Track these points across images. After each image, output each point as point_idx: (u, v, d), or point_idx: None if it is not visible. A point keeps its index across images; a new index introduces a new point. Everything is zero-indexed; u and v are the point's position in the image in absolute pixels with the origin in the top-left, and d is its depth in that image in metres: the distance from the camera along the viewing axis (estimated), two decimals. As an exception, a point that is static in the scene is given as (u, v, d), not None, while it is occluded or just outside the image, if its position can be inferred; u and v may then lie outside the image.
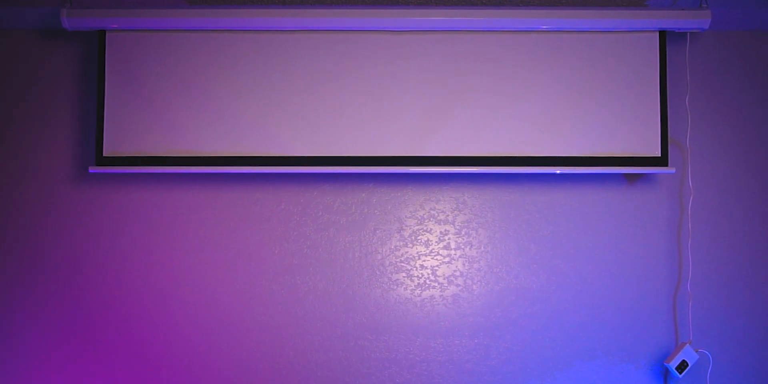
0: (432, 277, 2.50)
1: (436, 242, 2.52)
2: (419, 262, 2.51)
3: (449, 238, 2.52)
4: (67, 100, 2.54)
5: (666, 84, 2.40)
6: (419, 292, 2.50)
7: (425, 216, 2.52)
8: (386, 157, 2.40)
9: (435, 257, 2.51)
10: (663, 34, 2.43)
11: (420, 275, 2.51)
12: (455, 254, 2.51)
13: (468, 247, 2.51)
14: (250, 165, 2.40)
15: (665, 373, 2.47)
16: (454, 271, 2.50)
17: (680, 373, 2.39)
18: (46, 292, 2.49)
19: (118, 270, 2.49)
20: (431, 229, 2.52)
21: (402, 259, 2.51)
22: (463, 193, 2.53)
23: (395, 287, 2.49)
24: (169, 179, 2.51)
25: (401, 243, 2.51)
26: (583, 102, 2.41)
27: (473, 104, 2.41)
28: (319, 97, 2.42)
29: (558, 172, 2.38)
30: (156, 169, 2.40)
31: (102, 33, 2.45)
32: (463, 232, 2.52)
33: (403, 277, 2.50)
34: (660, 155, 2.39)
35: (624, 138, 2.39)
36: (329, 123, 2.41)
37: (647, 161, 2.40)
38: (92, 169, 2.40)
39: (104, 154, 2.41)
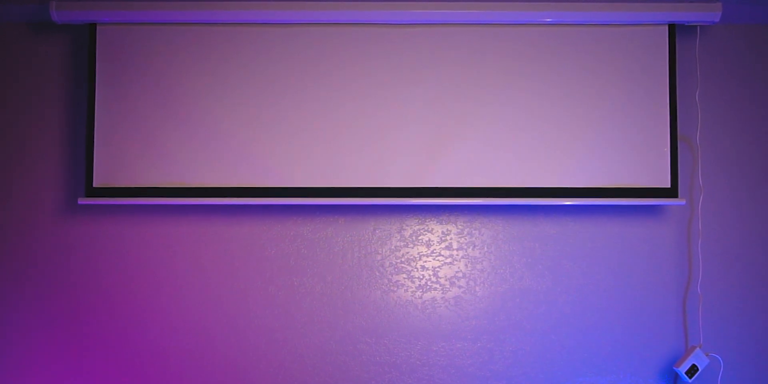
0: (433, 279, 2.47)
1: (437, 242, 2.48)
2: (420, 263, 2.48)
3: (451, 238, 2.48)
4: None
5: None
6: (420, 293, 2.47)
7: (426, 215, 2.47)
8: (387, 188, 2.37)
9: (436, 258, 2.48)
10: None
11: (421, 276, 2.48)
12: (457, 255, 2.48)
13: (471, 247, 2.48)
14: (245, 196, 2.36)
15: (675, 378, 2.45)
16: (457, 272, 2.47)
17: (690, 377, 2.37)
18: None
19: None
20: (432, 229, 2.49)
21: (402, 259, 2.48)
22: (465, 191, 2.49)
23: (395, 289, 2.47)
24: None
25: (402, 243, 2.48)
26: (591, 121, 2.39)
27: (476, 126, 2.39)
28: (316, 122, 2.39)
29: (567, 203, 2.36)
30: (147, 201, 2.37)
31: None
32: (465, 232, 2.48)
33: (404, 278, 2.47)
34: (669, 186, 2.38)
35: (633, 169, 2.37)
36: (327, 151, 2.38)
37: (657, 192, 2.38)
38: (82, 201, 2.37)
39: (94, 185, 2.38)
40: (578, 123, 2.38)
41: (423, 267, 2.48)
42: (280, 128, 2.38)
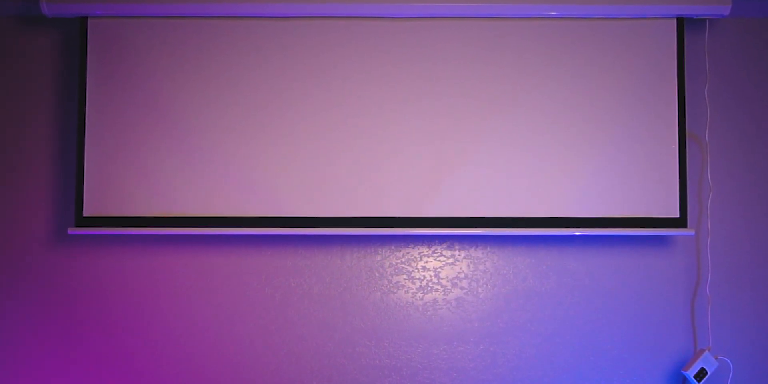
0: (435, 280, 2.44)
1: (439, 242, 2.45)
2: (421, 263, 2.45)
3: (453, 238, 2.44)
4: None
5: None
6: (421, 295, 2.44)
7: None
8: (388, 218, 2.32)
9: (438, 258, 2.45)
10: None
11: (422, 277, 2.45)
12: (459, 255, 2.45)
13: (473, 247, 2.44)
14: (241, 226, 2.31)
15: (683, 382, 2.42)
16: (459, 272, 2.44)
17: (699, 381, 2.34)
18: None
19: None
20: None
21: (403, 260, 2.45)
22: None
23: (396, 290, 2.44)
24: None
25: (402, 243, 2.44)
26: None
27: (478, 148, 2.35)
28: (314, 148, 2.34)
29: (577, 234, 2.33)
30: (140, 231, 2.32)
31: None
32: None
33: (404, 279, 2.44)
34: (678, 216, 2.33)
35: (640, 190, 2.33)
36: (326, 177, 2.33)
37: (665, 222, 2.34)
38: (71, 231, 2.31)
39: (84, 215, 2.32)
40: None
41: (424, 267, 2.44)
42: (276, 154, 2.33)
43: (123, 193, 2.31)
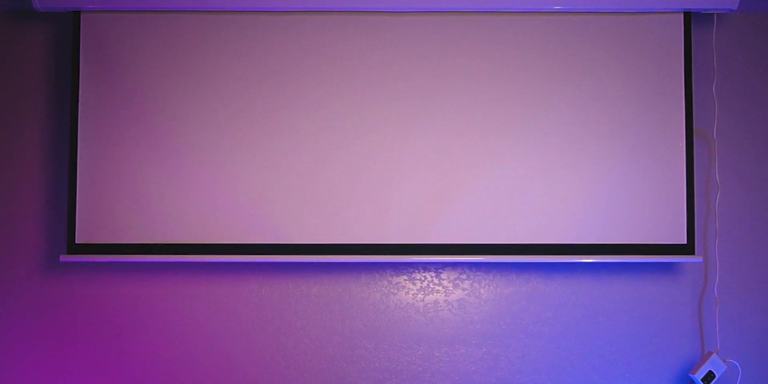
0: (436, 281, 2.43)
1: (440, 242, 2.43)
2: (422, 263, 2.43)
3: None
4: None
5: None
6: (422, 296, 2.42)
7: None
8: (388, 245, 2.30)
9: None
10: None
11: (423, 278, 2.43)
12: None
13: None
14: (237, 253, 2.29)
15: None
16: (460, 273, 2.42)
17: None
18: None
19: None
20: (435, 228, 2.43)
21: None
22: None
23: (396, 291, 2.42)
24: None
25: (402, 243, 2.43)
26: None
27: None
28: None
29: (584, 261, 2.32)
30: (133, 258, 2.28)
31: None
32: (469, 231, 2.44)
33: (405, 280, 2.43)
34: (686, 242, 2.30)
35: (648, 215, 2.30)
36: (325, 195, 2.30)
37: (672, 249, 2.31)
38: (63, 258, 2.28)
39: (77, 242, 2.28)
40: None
41: (425, 268, 2.42)
42: (271, 178, 2.30)
43: (116, 219, 2.28)
